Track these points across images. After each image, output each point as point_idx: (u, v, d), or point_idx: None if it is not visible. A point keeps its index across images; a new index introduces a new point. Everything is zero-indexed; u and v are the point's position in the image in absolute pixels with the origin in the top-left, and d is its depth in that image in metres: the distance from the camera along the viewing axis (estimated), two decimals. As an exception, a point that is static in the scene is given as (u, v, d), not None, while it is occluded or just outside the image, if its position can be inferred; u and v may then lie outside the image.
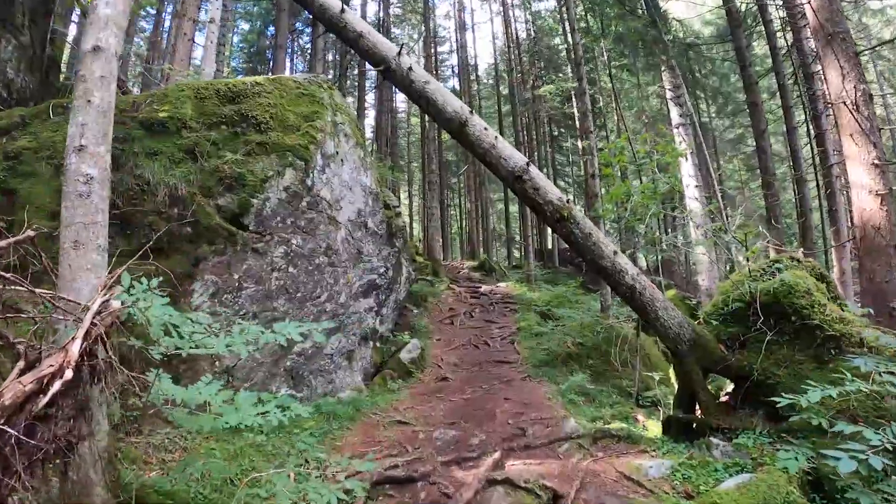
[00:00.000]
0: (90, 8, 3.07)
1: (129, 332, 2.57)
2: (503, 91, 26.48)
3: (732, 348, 4.65)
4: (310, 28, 20.47)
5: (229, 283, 5.35)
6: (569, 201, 4.76)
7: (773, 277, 4.71)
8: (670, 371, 6.53)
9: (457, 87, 24.88)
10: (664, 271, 14.67)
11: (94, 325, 1.82)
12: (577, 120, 16.69)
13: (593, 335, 8.50)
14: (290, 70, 22.35)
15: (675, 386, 5.59)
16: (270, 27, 21.45)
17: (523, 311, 11.97)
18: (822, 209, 14.63)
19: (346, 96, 20.81)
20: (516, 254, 26.19)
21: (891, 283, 5.38)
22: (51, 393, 1.66)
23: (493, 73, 28.98)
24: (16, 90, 6.95)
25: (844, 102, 5.76)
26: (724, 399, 4.97)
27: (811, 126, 13.66)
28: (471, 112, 4.68)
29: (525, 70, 23.66)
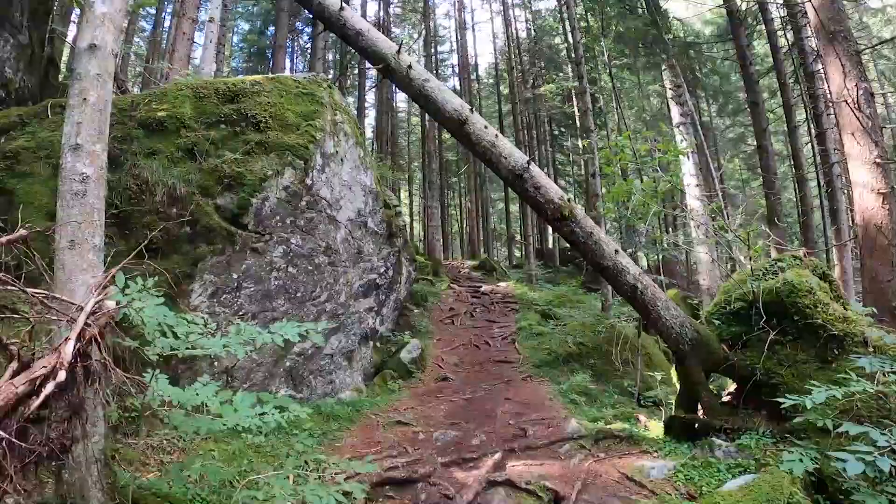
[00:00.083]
0: (86, 5, 3.04)
1: (125, 332, 2.55)
2: (503, 90, 26.46)
3: (735, 348, 4.62)
4: (310, 27, 20.47)
5: (228, 282, 5.33)
6: (570, 200, 4.73)
7: (775, 277, 4.67)
8: (672, 371, 6.50)
9: (457, 86, 24.85)
10: (665, 271, 14.64)
11: (87, 325, 1.79)
12: (578, 119, 16.68)
13: (594, 335, 8.48)
14: (290, 70, 22.32)
15: (677, 386, 5.56)
16: (270, 27, 21.42)
17: (524, 310, 11.94)
18: (823, 208, 14.60)
19: (346, 96, 20.81)
20: (517, 253, 26.15)
21: (893, 282, 5.35)
22: (43, 395, 1.63)
23: (494, 73, 28.96)
24: (14, 90, 6.92)
25: (846, 101, 5.73)
26: (727, 399, 4.94)
27: (812, 125, 13.62)
28: (471, 110, 4.65)
29: (525, 69, 23.63)
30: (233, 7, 18.68)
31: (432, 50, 23.77)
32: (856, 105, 5.67)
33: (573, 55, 15.32)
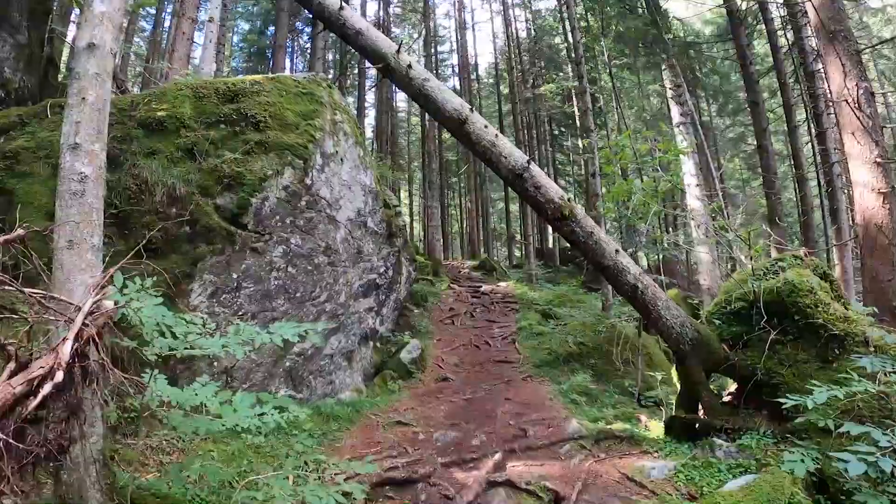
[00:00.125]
0: (85, 4, 3.03)
1: (124, 332, 2.54)
2: (503, 90, 26.44)
3: (735, 348, 4.61)
4: (310, 27, 20.47)
5: (228, 282, 5.32)
6: (570, 200, 4.72)
7: (776, 276, 4.66)
8: (672, 371, 6.49)
9: (457, 86, 24.84)
10: (665, 271, 14.62)
11: (85, 325, 1.78)
12: (578, 119, 16.68)
13: (595, 334, 8.46)
14: (290, 69, 22.31)
15: (678, 386, 5.55)
16: (270, 27, 21.41)
17: (524, 310, 11.92)
18: (823, 208, 14.59)
19: (346, 96, 20.79)
20: (517, 253, 26.13)
21: (894, 282, 5.34)
22: (41, 395, 1.62)
23: (494, 73, 28.95)
24: (14, 90, 6.91)
25: (846, 100, 5.72)
26: (727, 399, 4.93)
27: (812, 125, 13.61)
28: (470, 109, 4.64)
29: (525, 69, 23.62)
30: (233, 7, 18.67)
31: (432, 50, 23.76)
32: (856, 104, 5.66)
33: (573, 55, 15.31)
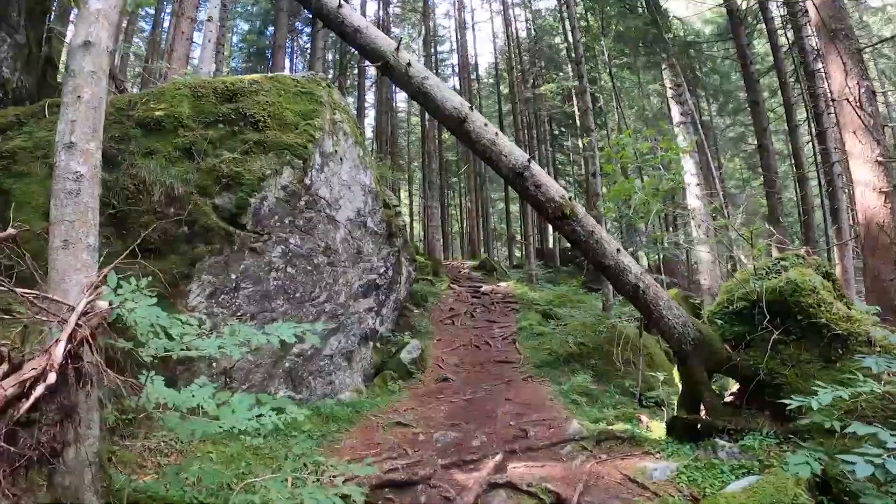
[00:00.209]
0: (81, 2, 3.00)
1: (121, 333, 2.50)
2: (503, 90, 26.42)
3: (738, 348, 4.58)
4: (309, 27, 20.43)
5: (227, 283, 5.28)
6: (571, 199, 4.69)
7: (778, 276, 4.63)
8: (674, 371, 6.45)
9: (457, 86, 24.82)
10: (666, 270, 14.59)
11: (79, 326, 1.75)
12: (578, 118, 16.64)
13: (595, 335, 8.43)
14: (289, 70, 22.28)
15: (679, 386, 5.51)
16: (270, 27, 21.38)
17: (524, 310, 11.89)
18: (824, 207, 14.57)
19: (345, 95, 20.76)
20: (517, 253, 26.10)
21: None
22: (33, 397, 1.59)
23: (494, 72, 28.92)
24: (11, 89, 6.89)
25: (847, 99, 5.69)
26: (729, 399, 4.90)
27: (813, 124, 13.59)
28: (470, 108, 4.61)
29: (525, 69, 23.60)
30: (232, 7, 18.63)
31: (432, 50, 23.75)
32: (857, 103, 5.64)
33: (573, 54, 15.28)
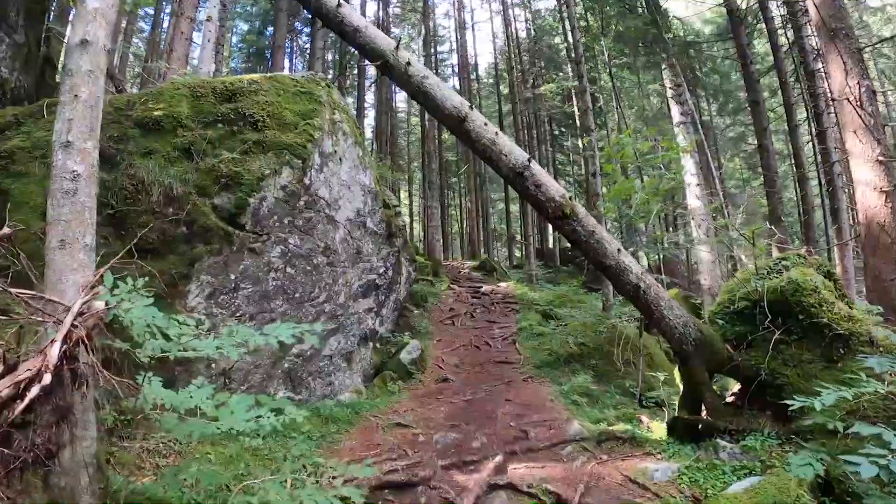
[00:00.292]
0: (78, 1, 2.98)
1: (118, 334, 2.48)
2: (503, 90, 26.40)
3: (739, 348, 4.56)
4: (309, 28, 20.41)
5: (226, 283, 5.26)
6: (571, 198, 4.67)
7: (779, 275, 4.61)
8: (674, 371, 6.44)
9: (457, 86, 24.81)
10: (666, 270, 14.58)
11: (74, 327, 1.73)
12: (578, 118, 16.63)
13: (595, 335, 8.41)
14: (289, 70, 22.26)
15: (680, 386, 5.49)
16: (269, 27, 21.37)
17: (525, 310, 11.87)
18: (824, 207, 14.55)
19: (345, 96, 20.74)
20: (517, 253, 26.08)
21: (896, 281, 5.29)
22: (28, 399, 1.57)
23: (494, 73, 28.91)
24: (10, 89, 6.87)
25: (848, 99, 5.67)
26: (731, 400, 4.88)
27: (813, 124, 13.58)
28: (470, 107, 4.59)
29: (525, 69, 23.59)
30: (231, 7, 18.61)
31: (432, 50, 23.74)
32: (858, 103, 5.62)
33: (573, 54, 15.27)
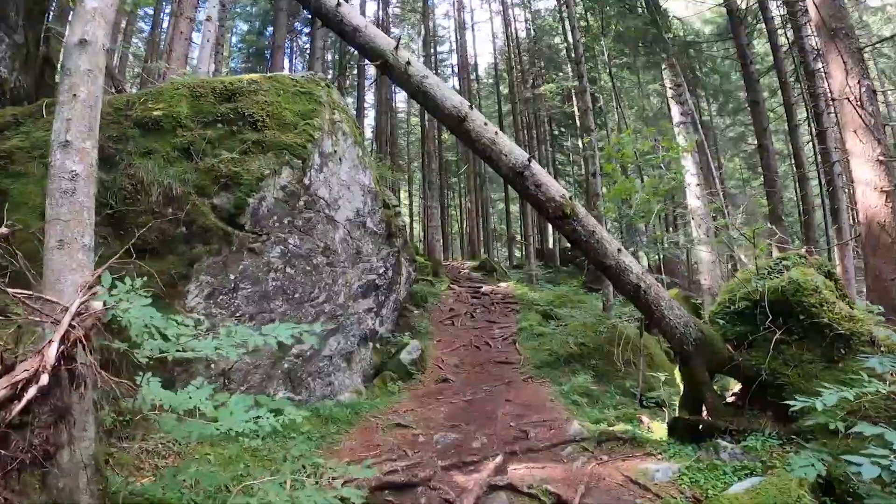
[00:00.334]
0: (77, 0, 2.97)
1: (117, 335, 2.47)
2: (503, 90, 26.40)
3: (740, 348, 4.54)
4: (308, 28, 20.41)
5: (225, 283, 5.25)
6: (571, 198, 4.66)
7: (780, 275, 4.60)
8: (675, 371, 6.43)
9: (456, 86, 24.81)
10: (666, 270, 14.58)
11: (72, 327, 1.72)
12: (578, 118, 16.63)
13: (596, 335, 8.40)
14: (288, 70, 22.24)
15: (680, 386, 5.48)
16: (269, 27, 21.36)
17: (525, 311, 11.86)
18: (824, 207, 14.55)
19: (345, 96, 20.73)
20: (517, 253, 26.07)
21: (898, 281, 5.28)
22: (25, 400, 1.56)
23: (493, 73, 28.91)
24: (9, 89, 6.86)
25: (848, 98, 5.66)
26: (731, 400, 4.87)
27: (813, 124, 13.57)
28: (470, 107, 4.58)
29: (525, 69, 23.59)
30: (231, 8, 18.63)
31: (431, 50, 23.75)
32: (858, 102, 5.61)
33: (573, 54, 15.27)
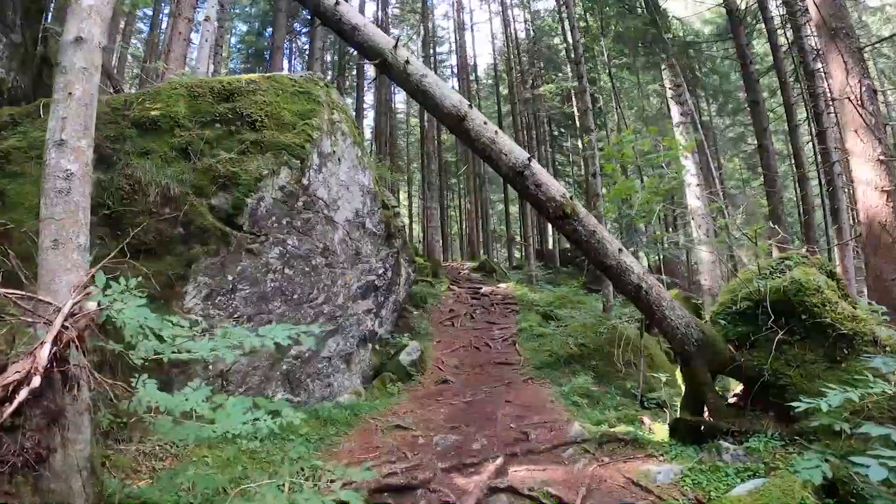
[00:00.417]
0: (73, -3, 2.94)
1: (113, 336, 2.44)
2: (502, 91, 26.40)
3: (741, 348, 4.51)
4: (308, 28, 20.39)
5: (223, 284, 5.22)
6: (572, 198, 4.63)
7: (782, 275, 4.57)
8: (675, 372, 6.40)
9: (456, 86, 24.78)
10: (666, 271, 14.56)
11: (65, 328, 1.68)
12: (578, 119, 16.62)
13: (596, 336, 8.37)
14: (288, 71, 22.22)
15: (681, 387, 5.45)
16: (268, 28, 21.34)
17: (524, 311, 11.83)
18: (824, 207, 14.53)
19: (344, 96, 20.69)
20: (517, 254, 26.05)
21: (899, 280, 5.25)
22: (16, 402, 1.52)
23: (493, 73, 28.91)
24: (7, 89, 6.83)
25: (848, 98, 5.63)
26: (733, 401, 4.83)
27: (813, 124, 13.56)
28: (470, 106, 4.55)
29: (524, 70, 23.60)
30: (230, 8, 18.60)
31: (431, 51, 23.71)
32: (859, 102, 5.58)
33: (572, 55, 15.25)
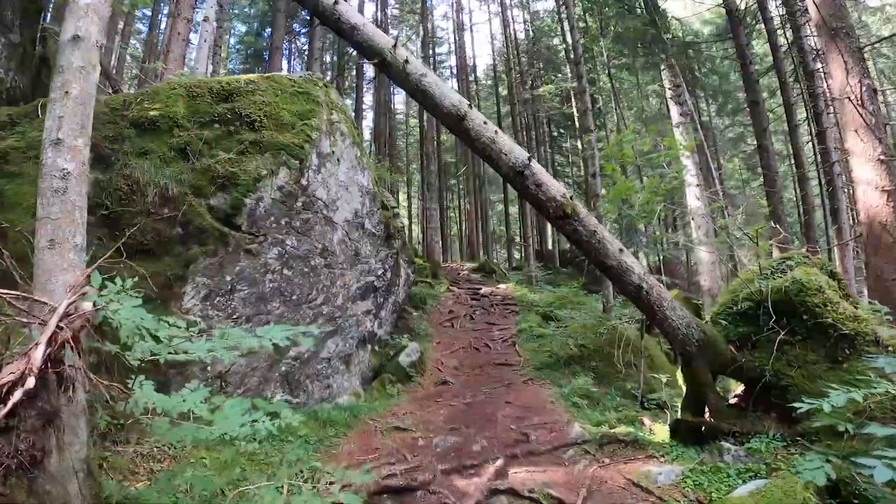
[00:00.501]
0: (70, -4, 2.92)
1: (110, 336, 2.42)
2: (502, 92, 26.40)
3: (743, 349, 4.50)
4: (307, 29, 20.39)
5: (222, 285, 5.19)
6: (572, 198, 4.61)
7: (783, 275, 4.56)
8: (676, 373, 6.38)
9: (455, 87, 24.79)
10: (666, 271, 14.54)
11: (60, 328, 1.66)
12: (577, 119, 16.62)
13: (596, 336, 8.35)
14: (287, 71, 22.21)
15: (682, 388, 5.43)
16: (267, 29, 21.32)
17: (524, 312, 11.81)
18: (824, 207, 14.53)
19: (343, 97, 20.68)
20: (517, 255, 26.04)
21: (899, 280, 5.24)
22: (10, 403, 1.50)
23: (492, 74, 28.91)
24: (6, 89, 6.81)
25: (849, 98, 5.63)
26: (734, 401, 4.82)
27: (812, 124, 13.56)
28: (469, 106, 4.53)
29: (524, 70, 23.60)
30: (229, 9, 18.57)
31: (430, 51, 23.70)
32: (859, 102, 5.57)
33: (572, 55, 15.25)
